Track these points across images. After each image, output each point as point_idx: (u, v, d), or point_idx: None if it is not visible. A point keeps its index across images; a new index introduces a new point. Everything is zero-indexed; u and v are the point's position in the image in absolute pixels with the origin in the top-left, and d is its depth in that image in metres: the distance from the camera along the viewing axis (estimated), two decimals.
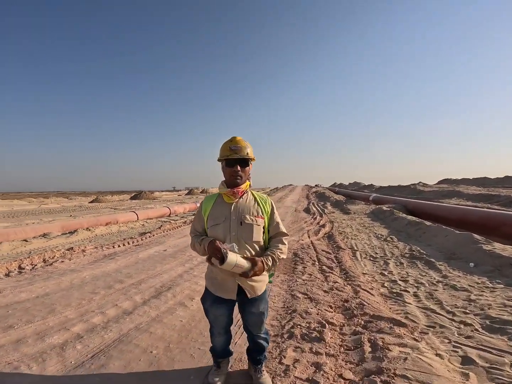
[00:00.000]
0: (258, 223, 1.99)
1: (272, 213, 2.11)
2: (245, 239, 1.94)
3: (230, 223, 1.96)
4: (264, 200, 2.11)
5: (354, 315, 3.50)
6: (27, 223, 14.50)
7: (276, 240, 2.08)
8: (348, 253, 6.90)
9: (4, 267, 6.00)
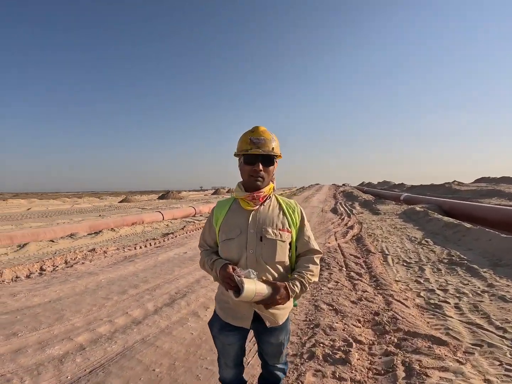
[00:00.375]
0: (283, 238, 1.57)
1: (302, 225, 1.67)
2: (265, 258, 1.53)
3: (247, 237, 1.54)
4: (292, 208, 1.67)
5: (385, 331, 3.08)
6: (57, 222, 14.90)
7: (305, 259, 1.63)
8: (379, 257, 6.40)
9: (26, 268, 6.01)
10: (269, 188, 1.65)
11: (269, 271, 1.53)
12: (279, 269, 1.56)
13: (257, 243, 1.53)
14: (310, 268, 1.57)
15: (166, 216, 15.96)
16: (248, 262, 1.51)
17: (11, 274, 5.67)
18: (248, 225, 1.57)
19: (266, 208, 1.63)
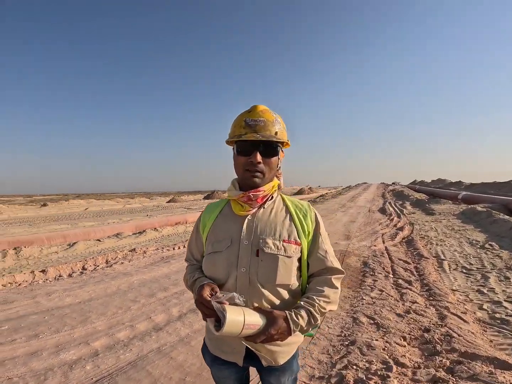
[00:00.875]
0: (289, 252, 1.15)
1: (317, 235, 1.24)
2: (262, 280, 1.13)
3: (239, 251, 1.15)
4: (304, 212, 1.25)
5: (436, 352, 2.60)
6: (108, 222, 15.67)
7: (320, 280, 1.19)
8: (433, 262, 5.70)
9: (70, 267, 6.21)
10: (272, 187, 1.24)
11: (268, 297, 1.12)
12: (281, 294, 1.15)
13: (252, 259, 1.13)
14: (324, 293, 1.13)
15: None
16: (239, 283, 1.12)
17: (55, 273, 5.88)
18: (241, 234, 1.17)
19: (266, 212, 1.23)
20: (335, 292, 1.16)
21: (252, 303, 1.10)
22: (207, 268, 1.20)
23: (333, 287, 1.16)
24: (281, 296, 1.14)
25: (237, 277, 1.12)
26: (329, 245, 1.26)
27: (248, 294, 1.10)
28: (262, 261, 1.12)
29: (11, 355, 2.65)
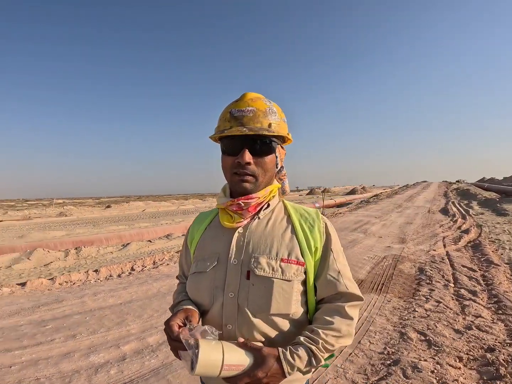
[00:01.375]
0: (288, 275, 0.92)
1: (327, 251, 0.99)
2: (254, 308, 0.90)
3: (226, 271, 0.94)
4: (310, 222, 1.00)
5: (499, 376, 2.24)
6: (161, 223, 16.40)
7: (330, 308, 0.95)
8: (504, 270, 5.00)
9: (120, 267, 6.47)
10: (270, 191, 1.00)
11: (260, 328, 0.90)
12: (279, 325, 0.92)
13: (242, 283, 0.92)
14: (334, 325, 0.89)
15: None
16: (226, 311, 0.91)
17: (106, 273, 6.16)
18: (229, 251, 0.96)
19: (262, 223, 1.00)
20: (349, 323, 0.91)
21: (242, 335, 0.89)
22: (190, 291, 1.00)
23: (347, 317, 0.91)
24: (279, 327, 0.92)
25: (224, 304, 0.91)
26: (344, 264, 1.00)
27: (236, 324, 0.90)
28: (254, 285, 0.90)
29: (46, 355, 2.72)
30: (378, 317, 3.42)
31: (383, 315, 3.48)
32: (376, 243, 7.72)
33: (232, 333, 0.89)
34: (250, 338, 0.88)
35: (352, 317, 0.92)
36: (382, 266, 5.59)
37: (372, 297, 4.04)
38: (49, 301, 4.19)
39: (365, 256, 6.37)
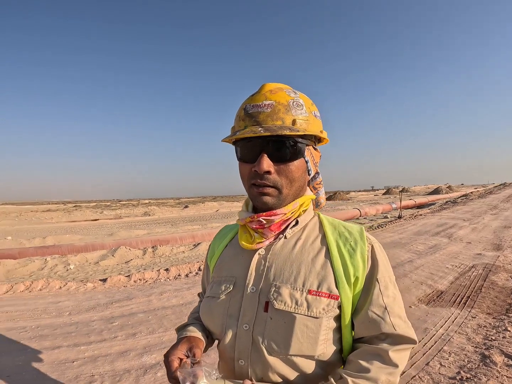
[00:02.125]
0: (316, 311, 0.74)
1: (371, 281, 0.79)
2: (270, 346, 0.75)
3: (242, 300, 0.80)
4: (351, 244, 0.81)
5: None
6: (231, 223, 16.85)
7: (368, 351, 0.76)
8: None
9: (188, 267, 6.77)
10: (299, 206, 0.83)
11: (277, 369, 0.75)
12: (301, 366, 0.75)
13: (259, 315, 0.77)
14: (369, 374, 0.70)
15: None
16: (239, 345, 0.78)
17: (176, 272, 6.48)
18: (248, 276, 0.81)
19: (289, 244, 0.83)
20: (391, 372, 0.71)
21: (255, 373, 0.76)
22: (203, 315, 0.88)
23: (389, 364, 0.72)
24: (300, 369, 0.75)
25: (237, 336, 0.78)
26: (394, 298, 0.79)
27: (249, 361, 0.77)
28: (272, 319, 0.75)
29: (106, 352, 2.94)
30: (457, 335, 2.97)
31: (464, 333, 3.00)
32: (463, 250, 6.84)
33: (244, 370, 0.77)
34: (265, 378, 0.76)
35: (397, 364, 0.72)
36: (469, 277, 4.90)
37: (453, 312, 3.55)
38: (121, 298, 4.53)
39: (448, 264, 5.67)
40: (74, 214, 28.38)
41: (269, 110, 0.75)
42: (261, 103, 0.76)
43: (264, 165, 0.73)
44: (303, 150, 0.78)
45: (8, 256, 7.98)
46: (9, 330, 3.42)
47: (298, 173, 0.79)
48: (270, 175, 0.76)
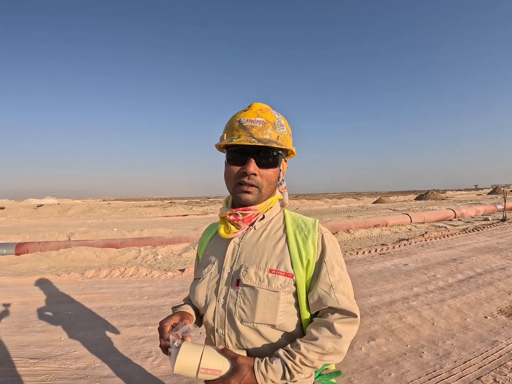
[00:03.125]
0: (274, 286, 0.92)
1: (320, 263, 0.96)
2: (241, 315, 0.93)
3: (220, 279, 1.00)
4: (305, 233, 0.99)
5: None
6: None
7: (319, 323, 0.92)
8: None
9: None
10: (270, 203, 1.03)
11: (247, 336, 0.93)
12: (266, 335, 0.93)
13: (231, 290, 0.97)
14: (317, 342, 0.87)
15: (414, 219, 14.40)
16: (217, 317, 0.98)
17: None
18: (224, 260, 1.02)
19: (257, 234, 1.03)
20: (336, 341, 0.88)
21: (231, 340, 0.95)
22: (191, 295, 1.09)
23: (335, 333, 0.88)
24: (266, 337, 0.93)
25: (216, 310, 0.98)
26: (340, 277, 0.96)
27: (225, 330, 0.96)
28: (241, 293, 0.95)
29: None
30: None
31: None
32: None
33: (222, 339, 0.96)
34: (238, 345, 0.95)
35: (341, 335, 0.88)
36: None
37: None
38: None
39: None
40: (168, 209, 31.52)
41: (261, 125, 0.95)
42: (254, 119, 0.95)
43: (252, 168, 0.93)
44: (280, 160, 1.01)
45: (113, 245, 9.36)
46: (100, 308, 4.08)
47: (275, 178, 1.00)
48: (256, 176, 0.95)
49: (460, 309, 3.75)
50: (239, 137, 0.94)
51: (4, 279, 5.72)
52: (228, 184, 1.01)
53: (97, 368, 2.65)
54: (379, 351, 2.85)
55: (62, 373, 2.58)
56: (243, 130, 0.95)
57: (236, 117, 0.98)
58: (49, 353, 2.90)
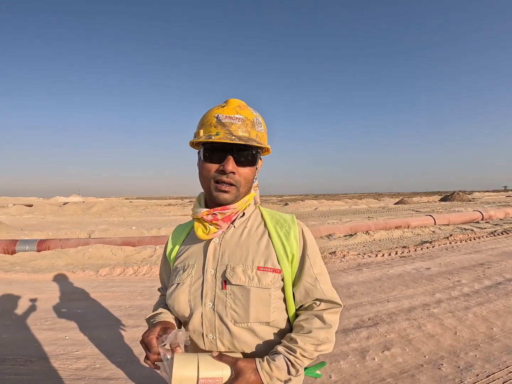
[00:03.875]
0: (265, 282, 0.91)
1: (304, 257, 0.98)
2: (233, 317, 0.90)
3: (203, 282, 0.94)
4: (286, 229, 0.99)
5: None
6: (328, 222, 16.44)
7: (308, 315, 0.95)
8: None
9: None
10: (247, 201, 1.01)
11: (241, 338, 0.90)
12: (260, 333, 0.92)
13: (219, 292, 0.92)
14: (311, 334, 0.89)
15: (438, 221, 13.86)
16: (205, 322, 0.92)
17: None
18: (205, 261, 0.96)
19: (237, 232, 1.00)
20: (328, 330, 0.91)
21: (223, 344, 0.91)
22: (169, 302, 0.99)
23: (325, 324, 0.91)
24: (260, 336, 0.92)
25: (203, 314, 0.92)
26: (322, 270, 0.99)
27: (216, 334, 0.91)
28: (230, 294, 0.91)
29: None
30: None
31: None
32: None
33: (213, 343, 0.91)
34: (232, 348, 0.91)
35: (331, 324, 0.92)
36: None
37: None
38: None
39: None
40: (187, 208, 31.84)
41: (240, 123, 0.92)
42: (233, 115, 0.92)
43: (230, 166, 0.90)
44: (257, 158, 0.97)
45: (130, 243, 9.44)
46: (109, 307, 4.04)
47: (252, 176, 0.98)
48: (234, 175, 0.92)
49: (487, 317, 3.47)
50: (217, 134, 0.90)
51: (22, 275, 5.84)
52: (204, 182, 0.97)
53: (96, 369, 2.58)
54: (394, 362, 2.64)
55: (61, 373, 2.52)
56: (221, 127, 0.91)
57: (213, 113, 0.94)
58: (51, 352, 2.86)
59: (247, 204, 1.02)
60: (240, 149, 0.92)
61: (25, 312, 3.88)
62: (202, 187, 0.99)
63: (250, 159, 0.94)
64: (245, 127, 0.92)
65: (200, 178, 0.98)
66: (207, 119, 0.94)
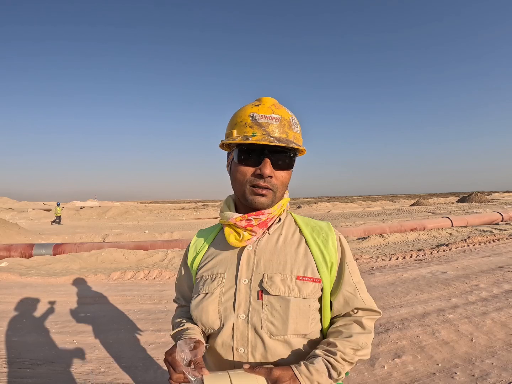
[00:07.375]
0: (305, 293, 0.86)
1: (343, 265, 0.94)
2: (270, 330, 0.84)
3: (236, 292, 0.88)
4: (324, 236, 0.94)
5: None
6: (341, 225, 16.21)
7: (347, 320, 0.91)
8: None
9: None
10: (282, 206, 0.96)
11: (275, 351, 0.84)
12: (295, 346, 0.86)
13: (254, 303, 0.86)
14: (351, 338, 0.84)
15: (455, 223, 13.49)
16: (237, 334, 0.85)
17: None
18: (238, 270, 0.90)
19: (272, 239, 0.94)
20: (367, 335, 0.87)
21: (254, 358, 0.84)
22: (196, 313, 0.92)
23: (365, 329, 0.88)
24: (294, 348, 0.86)
25: (234, 326, 0.85)
26: (359, 278, 0.96)
27: (249, 348, 0.85)
28: (268, 305, 0.85)
29: None
30: None
31: None
32: None
33: (244, 357, 0.85)
34: (264, 361, 0.84)
35: (370, 330, 0.89)
36: None
37: None
38: None
39: None
40: (200, 212, 32.01)
41: (277, 123, 0.86)
42: (270, 115, 0.86)
43: (268, 169, 0.84)
44: (294, 161, 0.92)
45: (142, 247, 9.52)
46: (118, 311, 4.05)
47: (288, 179, 0.93)
48: (271, 178, 0.87)
49: (506, 323, 3.31)
50: (254, 135, 0.84)
51: (36, 278, 5.94)
52: (238, 186, 0.90)
53: (101, 373, 2.58)
54: (404, 370, 2.53)
55: (65, 377, 2.54)
56: (258, 127, 0.85)
57: (247, 112, 0.88)
58: (58, 356, 2.88)
59: (282, 209, 0.96)
60: (277, 152, 0.86)
61: (36, 316, 3.94)
62: (235, 190, 0.95)
63: (288, 162, 0.89)
64: (282, 127, 0.87)
65: (234, 182, 0.92)
66: (241, 118, 0.89)
